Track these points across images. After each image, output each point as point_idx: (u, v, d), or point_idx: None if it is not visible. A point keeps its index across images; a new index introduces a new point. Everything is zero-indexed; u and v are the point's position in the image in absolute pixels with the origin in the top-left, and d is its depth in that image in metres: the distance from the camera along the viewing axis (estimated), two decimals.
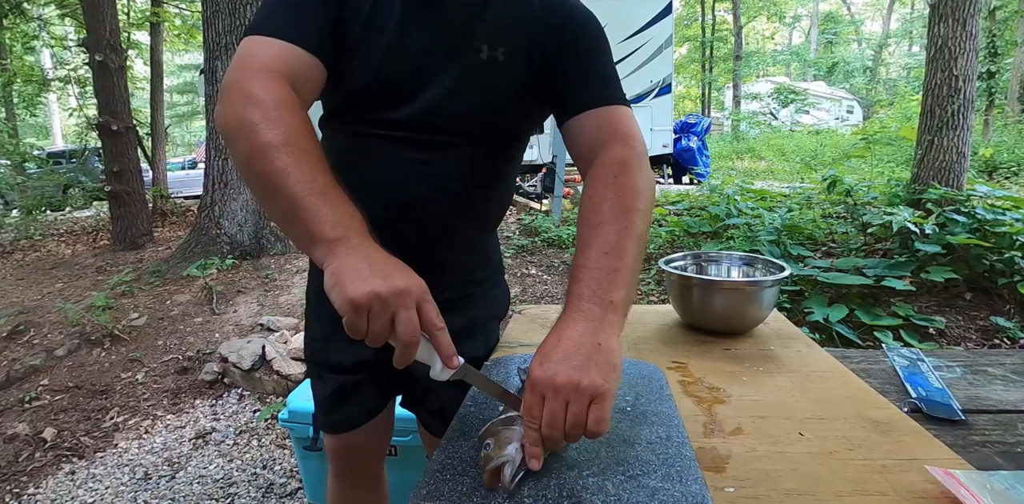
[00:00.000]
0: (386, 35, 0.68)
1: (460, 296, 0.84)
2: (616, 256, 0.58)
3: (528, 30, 0.72)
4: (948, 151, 3.55)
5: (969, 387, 0.89)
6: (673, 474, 0.53)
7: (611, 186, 0.64)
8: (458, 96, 0.71)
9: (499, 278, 0.93)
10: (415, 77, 0.70)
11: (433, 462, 0.56)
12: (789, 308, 2.78)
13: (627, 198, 0.63)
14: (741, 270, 1.13)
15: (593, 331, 0.54)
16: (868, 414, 0.70)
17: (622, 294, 0.57)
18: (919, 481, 0.56)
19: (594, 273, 0.57)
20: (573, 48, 0.73)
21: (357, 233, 0.55)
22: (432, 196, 0.75)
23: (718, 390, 0.78)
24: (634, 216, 0.62)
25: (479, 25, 0.70)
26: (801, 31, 30.22)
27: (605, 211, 0.62)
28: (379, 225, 0.73)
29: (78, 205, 7.87)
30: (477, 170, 0.77)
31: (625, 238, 0.60)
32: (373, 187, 0.73)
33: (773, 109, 18.35)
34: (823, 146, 11.77)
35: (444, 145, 0.73)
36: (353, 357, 0.83)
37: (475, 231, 0.83)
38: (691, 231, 4.07)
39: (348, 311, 0.49)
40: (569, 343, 0.53)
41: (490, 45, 0.70)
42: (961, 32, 3.45)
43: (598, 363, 0.51)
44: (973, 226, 3.00)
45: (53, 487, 1.97)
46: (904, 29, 25.38)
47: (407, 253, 0.76)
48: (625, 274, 0.58)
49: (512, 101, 0.75)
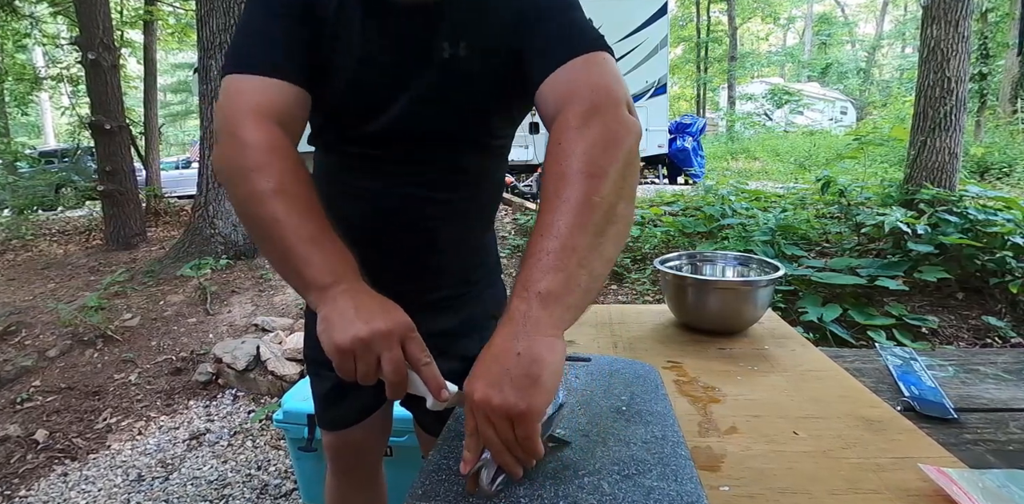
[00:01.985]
0: (353, 47, 0.67)
1: (456, 295, 0.84)
2: (551, 236, 0.47)
3: (488, 20, 0.67)
4: (941, 152, 3.57)
5: (961, 386, 0.90)
6: (668, 473, 0.53)
7: (555, 156, 0.52)
8: (430, 100, 0.69)
9: (496, 277, 0.93)
10: (386, 86, 0.69)
11: (429, 462, 0.56)
12: (783, 308, 2.79)
13: (581, 166, 0.50)
14: (736, 270, 1.14)
15: (514, 336, 0.46)
16: (862, 413, 0.71)
17: (552, 281, 0.46)
18: (912, 479, 0.56)
19: (529, 263, 0.48)
20: (535, 21, 0.65)
21: (346, 278, 0.56)
22: (419, 202, 0.75)
23: (713, 389, 0.79)
24: (592, 186, 0.49)
25: (439, 24, 0.67)
26: (795, 32, 30.37)
27: (549, 181, 0.51)
28: (372, 233, 0.75)
29: (71, 204, 7.81)
30: (461, 172, 0.76)
31: (570, 210, 0.48)
32: (362, 198, 0.75)
33: (767, 110, 18.44)
34: (817, 147, 11.83)
35: (425, 150, 0.73)
36: None
37: (466, 232, 0.83)
38: (686, 231, 4.08)
39: (335, 356, 0.52)
40: (492, 353, 0.47)
41: (451, 42, 0.67)
42: (953, 34, 3.47)
43: (513, 377, 0.44)
44: (965, 226, 3.03)
45: (45, 489, 1.95)
46: (897, 31, 25.56)
47: (401, 258, 0.77)
48: (557, 256, 0.46)
49: (486, 97, 0.71)
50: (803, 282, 2.91)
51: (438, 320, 0.80)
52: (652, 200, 5.60)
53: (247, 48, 0.64)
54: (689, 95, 24.71)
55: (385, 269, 0.71)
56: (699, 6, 19.43)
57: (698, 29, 20.01)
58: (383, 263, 0.73)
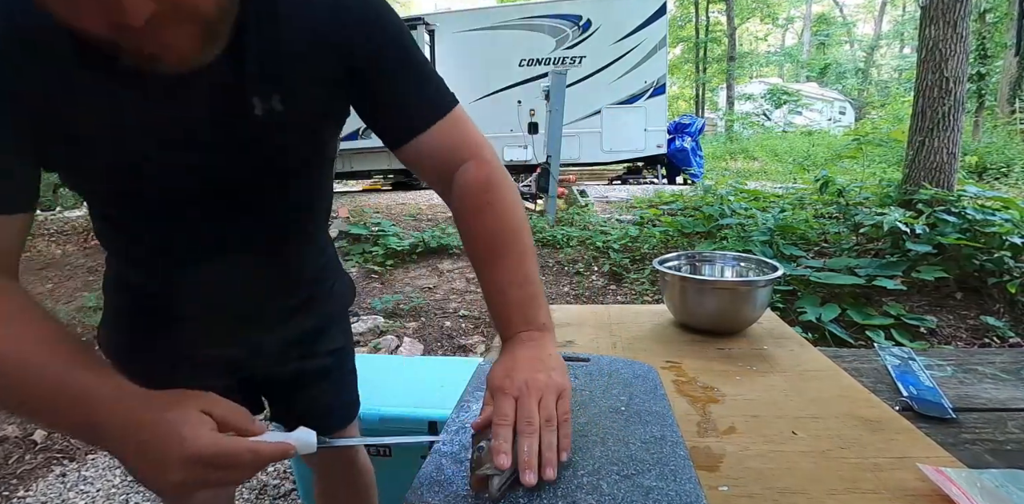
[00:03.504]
0: (117, 134, 0.55)
1: (307, 298, 0.82)
2: (527, 283, 0.63)
3: (304, 66, 0.59)
4: (939, 152, 3.58)
5: (960, 385, 0.90)
6: (667, 473, 0.53)
7: (489, 215, 0.64)
8: (236, 163, 0.61)
9: (338, 272, 0.90)
10: (161, 161, 0.58)
11: (427, 463, 0.56)
12: (782, 308, 2.79)
13: (509, 222, 0.64)
14: (735, 270, 1.14)
15: (541, 347, 0.60)
16: (860, 413, 0.71)
17: (545, 314, 0.63)
18: (910, 479, 0.56)
19: (516, 306, 0.63)
20: (371, 70, 0.61)
21: (96, 409, 0.47)
22: (229, 261, 0.68)
23: (712, 389, 0.79)
24: (522, 236, 0.65)
25: (244, 82, 0.56)
26: (794, 33, 30.43)
27: (497, 244, 0.64)
28: (209, 314, 0.72)
29: (68, 205, 7.79)
30: (278, 222, 0.71)
31: (524, 263, 0.63)
32: (178, 298, 0.70)
33: (766, 110, 18.45)
34: (815, 147, 11.84)
35: (222, 208, 0.65)
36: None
37: (292, 257, 0.78)
38: (685, 231, 4.08)
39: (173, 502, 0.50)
40: (526, 358, 0.58)
41: (262, 97, 0.57)
42: (952, 34, 3.48)
43: (556, 368, 0.58)
44: (963, 226, 3.03)
45: (43, 490, 1.95)
46: (896, 31, 25.60)
47: (233, 298, 0.73)
48: (540, 297, 0.64)
49: (307, 140, 0.66)
50: (802, 282, 2.91)
51: (299, 323, 0.82)
52: (651, 200, 5.60)
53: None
54: (688, 95, 24.74)
55: (233, 302, 0.72)
56: (698, 6, 19.44)
57: (697, 29, 20.03)
58: (227, 300, 0.72)
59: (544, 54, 7.99)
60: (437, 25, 7.91)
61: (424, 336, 3.03)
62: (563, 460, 0.52)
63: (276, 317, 0.79)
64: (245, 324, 0.76)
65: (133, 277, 0.75)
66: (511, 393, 0.54)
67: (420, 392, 1.55)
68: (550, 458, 0.50)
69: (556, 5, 7.90)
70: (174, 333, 0.74)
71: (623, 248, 3.90)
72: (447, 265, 3.99)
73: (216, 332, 0.75)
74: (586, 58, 7.88)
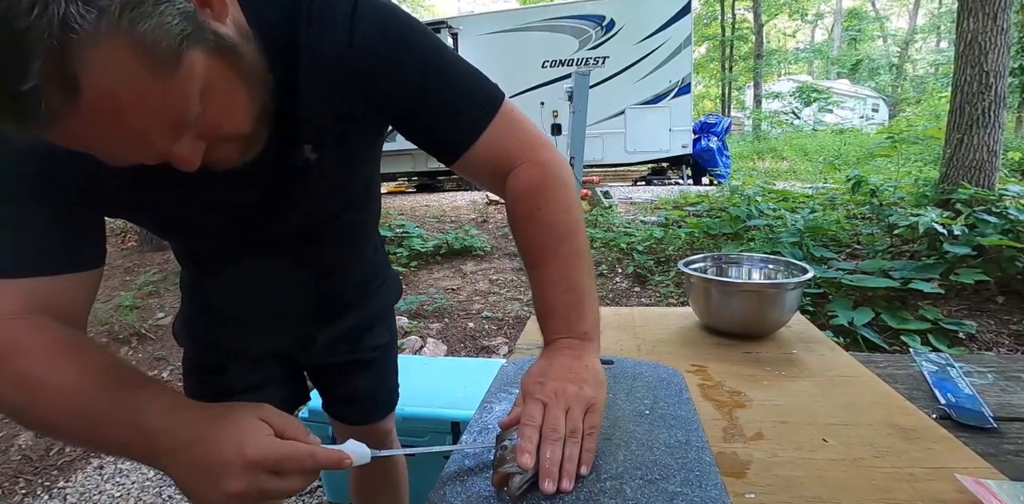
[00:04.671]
0: (167, 205, 0.60)
1: (358, 297, 0.90)
2: (574, 290, 0.62)
3: (325, 112, 0.58)
4: (979, 150, 3.45)
5: (1001, 394, 0.87)
6: (692, 479, 0.52)
7: (536, 221, 0.64)
8: (286, 215, 0.67)
9: (387, 271, 0.97)
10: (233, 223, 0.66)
11: (450, 463, 0.57)
12: (812, 311, 2.73)
13: (557, 227, 0.64)
14: (762, 272, 1.12)
15: (579, 357, 0.59)
16: (895, 420, 0.68)
17: (590, 322, 0.62)
18: (948, 490, 0.54)
19: (561, 312, 0.62)
20: (397, 98, 0.60)
21: (155, 431, 0.47)
22: (299, 294, 0.79)
23: (739, 394, 0.77)
24: (572, 239, 0.64)
25: (279, 144, 0.57)
26: (824, 28, 29.67)
27: (543, 249, 0.64)
28: (264, 315, 0.81)
29: None
30: (338, 241, 0.79)
31: (575, 268, 0.63)
32: (237, 301, 0.80)
33: (795, 108, 18.04)
34: (847, 145, 11.52)
35: (286, 252, 0.73)
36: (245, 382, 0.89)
37: (351, 261, 0.86)
38: (711, 233, 4.02)
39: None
40: (561, 366, 0.58)
41: (294, 153, 0.59)
42: (992, 26, 3.35)
43: (590, 380, 0.57)
44: (1005, 227, 2.91)
45: (82, 481, 2.02)
46: (931, 24, 24.74)
47: (291, 302, 0.81)
48: (587, 304, 0.63)
49: (349, 175, 0.70)
50: (833, 285, 2.83)
51: (348, 320, 0.89)
52: (676, 201, 5.53)
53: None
54: (714, 94, 24.35)
55: (286, 306, 0.81)
56: (723, 4, 19.13)
57: (723, 27, 19.71)
58: (285, 307, 0.81)
59: (567, 55, 7.97)
60: (460, 28, 7.97)
61: (447, 337, 3.05)
62: (583, 474, 0.52)
63: (328, 315, 0.87)
64: (299, 323, 0.85)
65: (201, 283, 0.84)
66: (540, 399, 0.54)
67: (443, 392, 1.57)
68: (569, 470, 0.50)
69: (579, 6, 7.87)
70: (235, 329, 0.83)
71: (647, 250, 3.86)
72: (471, 266, 4.01)
73: (272, 329, 0.84)
74: (609, 58, 7.84)
